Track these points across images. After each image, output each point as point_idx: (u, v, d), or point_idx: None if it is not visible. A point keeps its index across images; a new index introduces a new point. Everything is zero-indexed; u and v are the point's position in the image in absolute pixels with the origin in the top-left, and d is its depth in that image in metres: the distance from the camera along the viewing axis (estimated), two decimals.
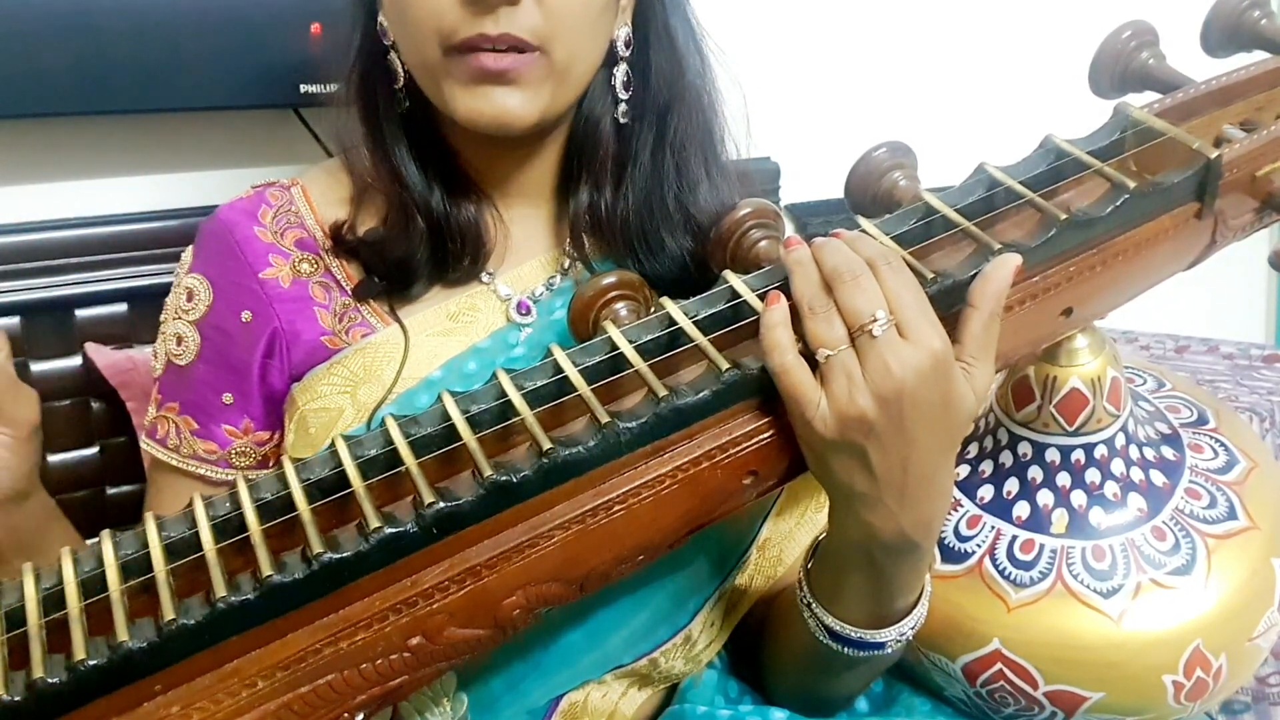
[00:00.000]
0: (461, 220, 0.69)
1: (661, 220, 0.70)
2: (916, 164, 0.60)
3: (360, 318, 0.69)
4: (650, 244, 0.70)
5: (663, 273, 0.70)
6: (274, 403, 0.70)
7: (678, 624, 0.69)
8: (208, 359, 0.69)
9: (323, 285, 0.70)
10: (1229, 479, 0.73)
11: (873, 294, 0.49)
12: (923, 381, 0.48)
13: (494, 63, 0.61)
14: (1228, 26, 0.64)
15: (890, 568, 0.55)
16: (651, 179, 0.70)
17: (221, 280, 0.69)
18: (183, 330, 0.70)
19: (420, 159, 0.69)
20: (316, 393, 0.67)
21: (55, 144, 0.92)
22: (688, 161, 0.71)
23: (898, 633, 0.59)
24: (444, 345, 0.68)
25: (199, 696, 0.43)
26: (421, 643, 0.46)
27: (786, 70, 1.25)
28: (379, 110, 0.69)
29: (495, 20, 0.60)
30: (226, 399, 0.69)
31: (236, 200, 0.73)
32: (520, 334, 0.70)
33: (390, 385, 0.65)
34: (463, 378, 0.67)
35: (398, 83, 0.68)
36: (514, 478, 0.46)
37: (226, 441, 0.70)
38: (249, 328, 0.68)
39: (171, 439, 0.70)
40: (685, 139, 0.70)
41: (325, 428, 0.66)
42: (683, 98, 0.70)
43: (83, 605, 0.43)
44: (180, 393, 0.70)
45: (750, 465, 0.51)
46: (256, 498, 0.46)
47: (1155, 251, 0.58)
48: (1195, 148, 0.56)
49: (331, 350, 0.68)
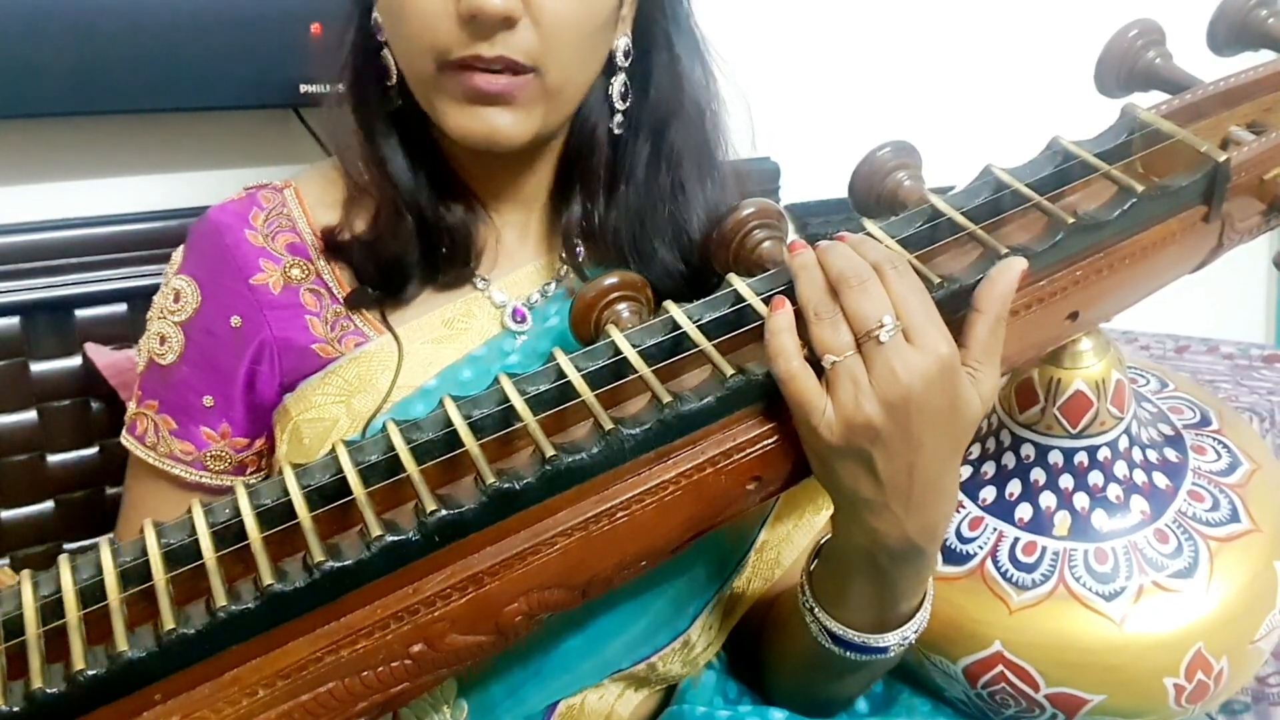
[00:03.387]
0: (451, 221, 0.68)
1: (653, 232, 0.69)
2: (921, 164, 0.60)
3: (353, 326, 0.68)
4: (641, 253, 0.69)
5: (654, 281, 0.68)
6: (258, 410, 0.69)
7: (677, 629, 0.69)
8: (191, 361, 0.69)
9: (314, 292, 0.69)
10: (1231, 481, 0.73)
11: (879, 299, 0.48)
12: (929, 387, 0.48)
13: (488, 84, 0.60)
14: (1234, 25, 0.64)
15: (894, 572, 0.55)
16: (645, 192, 0.69)
17: (211, 283, 0.69)
18: (167, 330, 0.69)
19: (411, 158, 0.68)
20: (311, 403, 0.66)
21: (55, 144, 0.92)
22: (683, 176, 0.70)
23: (900, 637, 0.58)
24: (439, 353, 0.68)
25: (199, 705, 0.43)
26: (423, 650, 0.46)
27: (787, 70, 1.25)
28: (371, 106, 0.68)
29: (491, 43, 0.59)
30: (207, 401, 0.69)
31: (228, 202, 0.72)
32: (515, 341, 0.69)
33: (385, 394, 0.65)
34: (458, 386, 0.66)
35: (390, 79, 0.67)
36: (517, 485, 0.46)
37: (204, 444, 0.69)
38: (238, 333, 0.68)
39: (150, 436, 0.70)
40: (682, 153, 0.69)
41: (320, 438, 0.65)
42: (681, 111, 0.69)
43: (81, 614, 0.42)
44: (161, 392, 0.70)
45: (754, 470, 0.51)
46: (257, 504, 0.46)
47: (1162, 255, 0.57)
48: (1204, 151, 0.56)
49: (323, 359, 0.67)
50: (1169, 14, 0.66)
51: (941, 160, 0.70)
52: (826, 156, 0.90)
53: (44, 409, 0.91)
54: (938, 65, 1.35)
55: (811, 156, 1.18)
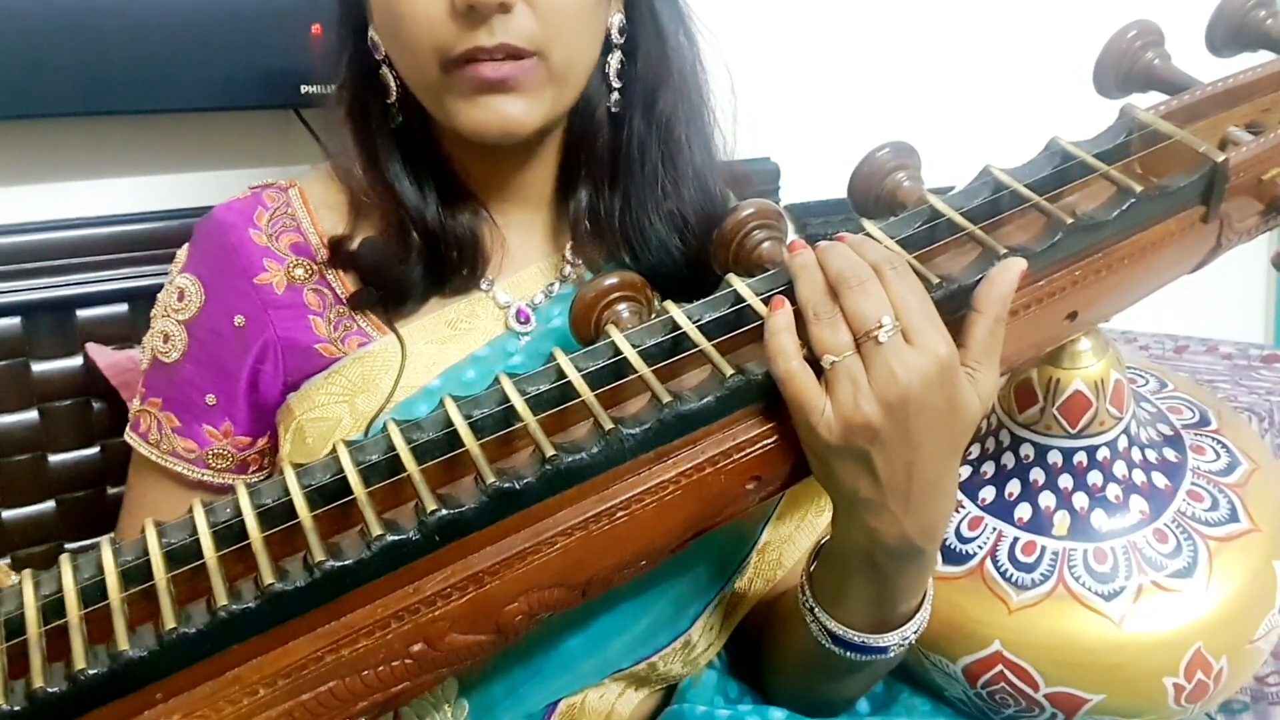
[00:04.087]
0: (459, 232, 0.69)
1: (652, 209, 0.69)
2: (920, 164, 0.60)
3: (356, 326, 0.68)
4: (643, 235, 0.70)
5: (656, 266, 0.70)
6: (260, 409, 0.69)
7: (678, 629, 0.69)
8: (194, 359, 0.69)
9: (317, 292, 0.69)
10: (1230, 481, 0.73)
11: (878, 299, 0.48)
12: (928, 387, 0.48)
13: (492, 71, 0.60)
14: (1233, 26, 0.64)
15: (894, 572, 0.55)
16: (639, 166, 0.70)
17: (215, 282, 0.69)
18: (170, 329, 0.70)
19: (416, 175, 0.69)
20: (314, 402, 0.66)
21: (55, 144, 0.92)
22: (676, 147, 0.70)
23: (900, 637, 0.59)
24: (442, 353, 0.68)
25: (200, 704, 0.43)
26: (424, 649, 0.46)
27: (787, 70, 1.25)
28: (372, 127, 0.68)
29: (490, 30, 0.59)
30: (210, 400, 0.69)
31: (233, 201, 0.72)
32: (519, 342, 0.69)
33: (389, 394, 0.65)
34: (462, 386, 0.66)
35: (390, 97, 0.67)
36: (517, 485, 0.46)
37: (206, 442, 0.69)
38: (242, 332, 0.68)
39: (153, 434, 0.70)
40: (673, 123, 0.70)
41: (323, 437, 0.65)
42: (670, 79, 0.69)
43: (82, 613, 0.42)
44: (164, 389, 0.70)
45: (754, 470, 0.51)
46: (257, 504, 0.46)
47: (1160, 255, 0.57)
48: (1202, 151, 0.56)
49: (326, 359, 0.68)
50: (1167, 15, 0.67)
51: (941, 161, 0.70)
52: (826, 156, 0.90)
53: (45, 409, 0.91)
54: (937, 65, 1.35)
55: (811, 156, 1.18)
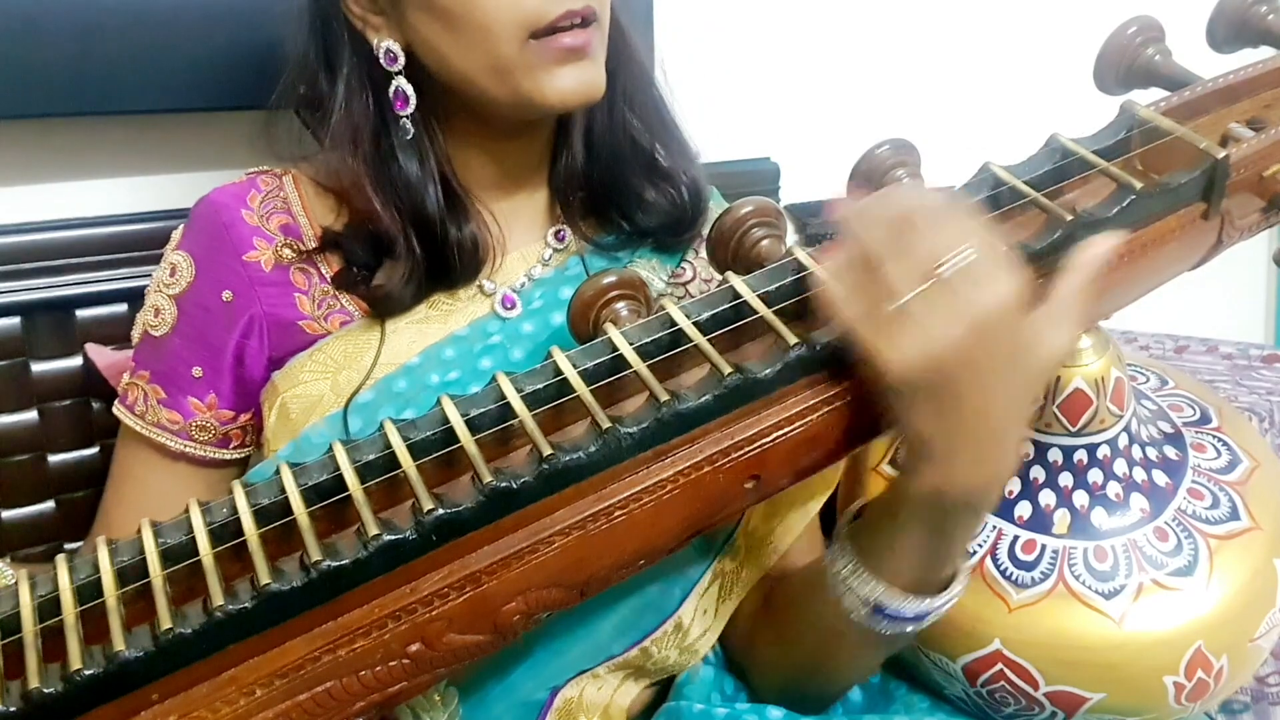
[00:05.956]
0: (462, 241, 0.70)
1: (635, 168, 0.73)
2: (920, 161, 0.60)
3: (339, 305, 0.71)
4: (632, 196, 0.73)
5: (654, 225, 0.74)
6: (245, 383, 0.71)
7: (665, 610, 0.69)
8: (182, 333, 0.71)
9: (303, 271, 0.71)
10: (1231, 479, 0.73)
11: (950, 234, 0.47)
12: (999, 323, 0.46)
13: (575, 39, 0.63)
14: (1234, 22, 0.64)
15: (951, 525, 0.54)
16: (613, 130, 0.73)
17: (206, 259, 0.71)
18: (161, 303, 0.72)
19: (419, 181, 0.69)
20: (298, 379, 0.69)
21: (55, 144, 0.92)
22: (641, 107, 0.74)
23: (930, 605, 0.57)
24: (424, 332, 0.70)
25: (196, 705, 0.43)
26: (421, 649, 0.46)
27: (786, 70, 1.25)
28: (379, 153, 0.69)
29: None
30: (196, 372, 0.71)
31: (228, 184, 0.75)
32: (500, 323, 0.72)
33: (368, 371, 0.67)
34: (440, 364, 0.69)
35: (409, 108, 0.68)
36: (514, 484, 0.46)
37: (190, 414, 0.71)
38: (229, 307, 0.70)
39: (139, 405, 0.72)
40: (633, 88, 0.73)
41: (305, 412, 0.68)
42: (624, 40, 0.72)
43: (78, 612, 0.42)
44: (152, 362, 0.72)
45: (752, 469, 0.51)
46: (253, 503, 0.46)
47: (1161, 252, 0.57)
48: (1203, 147, 0.55)
49: (310, 336, 0.70)
50: (1168, 11, 0.66)
51: (940, 158, 0.69)
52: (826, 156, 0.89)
53: (45, 409, 0.91)
54: (937, 64, 1.35)
55: (811, 156, 1.17)
